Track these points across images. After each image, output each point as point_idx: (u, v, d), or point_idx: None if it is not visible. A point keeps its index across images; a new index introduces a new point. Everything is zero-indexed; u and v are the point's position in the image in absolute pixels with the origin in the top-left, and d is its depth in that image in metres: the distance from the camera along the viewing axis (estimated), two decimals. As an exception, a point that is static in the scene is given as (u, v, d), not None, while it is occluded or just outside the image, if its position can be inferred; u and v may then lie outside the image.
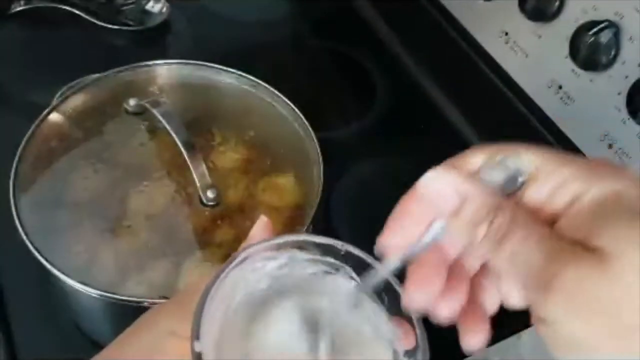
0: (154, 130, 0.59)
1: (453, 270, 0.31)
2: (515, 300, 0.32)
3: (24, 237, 0.50)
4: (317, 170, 0.57)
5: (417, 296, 0.31)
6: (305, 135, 0.60)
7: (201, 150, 0.55)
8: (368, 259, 0.34)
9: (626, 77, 0.56)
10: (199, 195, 0.54)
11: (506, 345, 0.56)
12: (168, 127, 0.55)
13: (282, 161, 0.59)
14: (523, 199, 0.29)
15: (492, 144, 0.30)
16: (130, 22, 0.82)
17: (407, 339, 0.33)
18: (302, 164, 0.59)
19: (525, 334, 0.56)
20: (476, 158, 0.30)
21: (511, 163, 0.29)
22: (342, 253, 0.35)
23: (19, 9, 0.79)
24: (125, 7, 0.83)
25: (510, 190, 0.29)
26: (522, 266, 0.27)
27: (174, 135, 0.54)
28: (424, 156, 0.72)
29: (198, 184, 0.54)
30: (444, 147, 0.75)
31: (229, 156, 0.59)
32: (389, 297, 0.34)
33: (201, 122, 0.61)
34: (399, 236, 0.31)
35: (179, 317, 0.33)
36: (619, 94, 0.57)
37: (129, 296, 0.49)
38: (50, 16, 0.79)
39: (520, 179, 0.29)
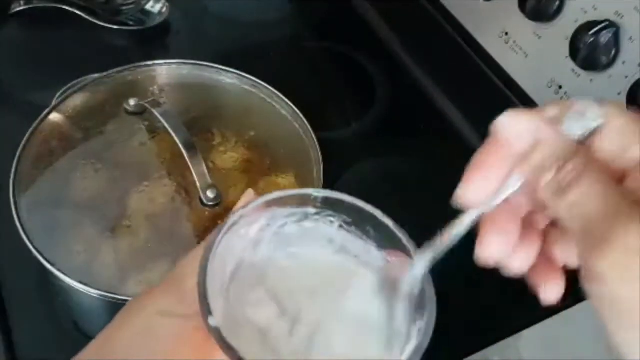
0: (154, 130, 0.59)
1: (524, 222, 0.31)
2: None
3: (24, 237, 0.50)
4: (317, 170, 0.57)
5: (494, 247, 0.30)
6: (305, 135, 0.60)
7: (201, 150, 0.55)
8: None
9: (626, 77, 0.56)
10: (199, 195, 0.54)
11: (506, 345, 0.56)
12: (168, 127, 0.55)
13: (282, 161, 0.59)
14: (594, 152, 0.28)
15: (565, 101, 0.30)
16: (130, 22, 0.82)
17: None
18: (302, 164, 0.59)
19: (525, 334, 0.56)
20: (552, 111, 0.29)
21: (589, 114, 0.28)
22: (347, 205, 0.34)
23: (18, 9, 0.79)
24: (125, 7, 0.83)
25: (583, 141, 0.28)
26: (582, 217, 0.26)
27: (174, 135, 0.54)
28: (424, 156, 0.73)
29: (198, 184, 0.54)
30: (444, 147, 0.76)
31: (229, 156, 0.59)
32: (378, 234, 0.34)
33: (201, 122, 0.61)
34: (478, 189, 0.30)
35: (169, 298, 0.32)
36: (619, 94, 0.57)
37: (129, 296, 0.48)
38: (50, 16, 0.79)
39: (593, 131, 0.28)
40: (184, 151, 0.54)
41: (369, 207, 0.34)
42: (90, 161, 0.57)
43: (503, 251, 0.30)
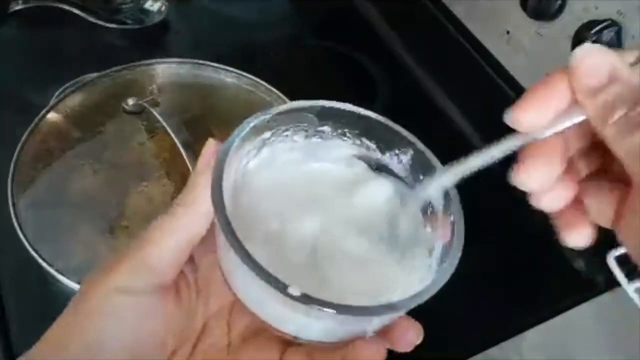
0: (153, 129, 0.59)
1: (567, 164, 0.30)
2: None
3: (22, 237, 0.50)
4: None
5: (534, 173, 0.29)
6: (305, 135, 0.60)
7: (200, 150, 0.54)
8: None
9: (628, 76, 0.56)
10: (199, 195, 0.54)
11: (508, 346, 0.55)
12: (167, 126, 0.55)
13: (282, 161, 0.59)
14: None
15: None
16: (129, 21, 0.81)
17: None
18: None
19: (527, 335, 0.56)
20: (631, 56, 0.28)
21: None
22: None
23: (17, 8, 0.78)
24: (124, 6, 0.82)
25: None
26: None
27: (172, 134, 0.54)
28: (425, 156, 0.73)
29: (197, 184, 0.53)
30: (444, 147, 0.75)
31: (229, 156, 0.59)
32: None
33: (200, 121, 0.61)
34: (537, 114, 0.28)
35: (125, 273, 0.31)
36: (620, 93, 0.57)
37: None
38: (48, 15, 0.79)
39: None
40: (182, 151, 0.54)
41: (395, 127, 0.34)
42: (89, 161, 0.57)
43: (542, 180, 0.29)
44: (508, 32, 0.68)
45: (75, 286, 0.49)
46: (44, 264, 0.49)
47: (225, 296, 0.34)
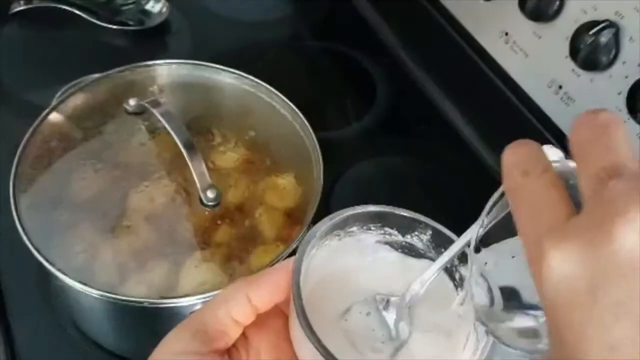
0: (154, 130, 0.59)
1: None
2: None
3: (24, 237, 0.50)
4: (317, 170, 0.57)
5: None
6: (305, 135, 0.60)
7: (201, 150, 0.55)
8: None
9: (626, 77, 0.56)
10: (199, 195, 0.54)
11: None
12: (168, 127, 0.55)
13: (282, 161, 0.59)
14: None
15: None
16: (130, 22, 0.82)
17: None
18: (302, 164, 0.59)
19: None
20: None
21: None
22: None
23: (18, 9, 0.79)
24: (125, 7, 0.83)
25: None
26: None
27: (174, 135, 0.54)
28: (424, 156, 0.73)
29: (198, 184, 0.54)
30: (444, 147, 0.76)
31: (229, 156, 0.59)
32: None
33: (201, 122, 0.61)
34: None
35: (183, 339, 0.34)
36: (619, 94, 0.57)
37: (128, 296, 0.49)
38: (50, 16, 0.79)
39: None
40: (183, 151, 0.54)
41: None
42: (90, 161, 0.57)
43: None
44: (506, 33, 0.68)
45: (75, 285, 0.49)
46: (46, 263, 0.49)
47: None
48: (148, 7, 0.83)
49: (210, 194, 0.54)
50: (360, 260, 0.38)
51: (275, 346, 0.36)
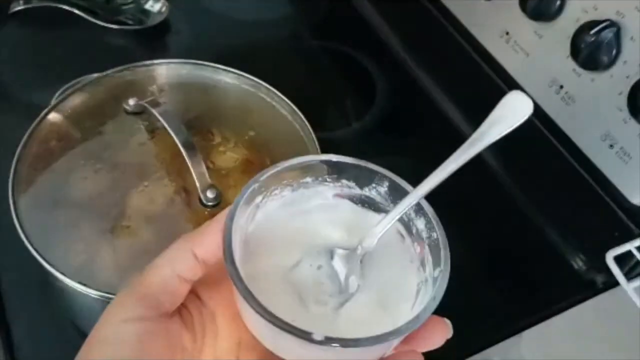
0: (154, 130, 0.59)
1: None
2: None
3: (23, 237, 0.50)
4: (317, 170, 0.57)
5: None
6: (305, 135, 0.60)
7: (201, 150, 0.55)
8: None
9: (627, 76, 0.56)
10: (199, 195, 0.54)
11: (507, 345, 0.56)
12: (167, 127, 0.55)
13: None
14: None
15: None
16: (130, 22, 0.81)
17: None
18: (302, 164, 0.58)
19: (526, 334, 0.56)
20: None
21: None
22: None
23: (18, 8, 0.79)
24: (124, 7, 0.82)
25: None
26: None
27: (173, 135, 0.54)
28: (424, 156, 0.73)
29: (198, 184, 0.53)
30: (444, 147, 0.75)
31: (229, 156, 0.59)
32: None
33: (201, 121, 0.61)
34: None
35: (130, 302, 0.33)
36: (620, 93, 0.57)
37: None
38: (49, 16, 0.79)
39: None
40: (183, 151, 0.54)
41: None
42: (90, 161, 0.57)
43: None
44: (507, 33, 0.68)
45: (75, 286, 0.49)
46: (45, 264, 0.49)
47: (234, 332, 0.35)
48: (147, 6, 0.83)
49: (210, 194, 0.54)
50: (317, 213, 0.37)
51: (231, 303, 0.35)
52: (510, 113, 0.36)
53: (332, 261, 0.35)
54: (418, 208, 0.35)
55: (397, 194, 0.36)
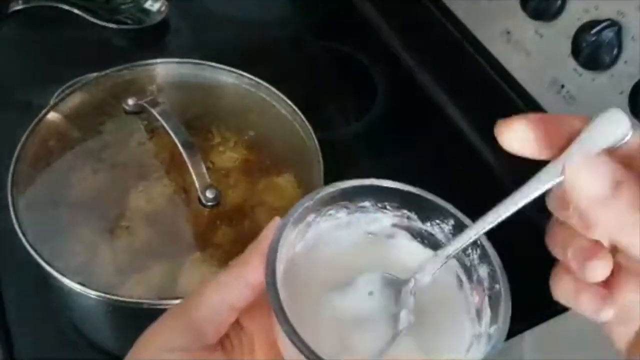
0: (153, 129, 0.59)
1: None
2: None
3: (22, 238, 0.50)
4: (317, 170, 0.57)
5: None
6: (305, 135, 0.60)
7: (200, 150, 0.54)
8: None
9: (628, 76, 0.56)
10: (199, 196, 0.54)
11: (507, 346, 0.55)
12: (167, 126, 0.55)
13: (282, 161, 0.59)
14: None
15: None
16: (129, 21, 0.81)
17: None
18: (302, 164, 0.58)
19: (527, 335, 0.56)
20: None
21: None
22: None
23: (17, 8, 0.78)
24: (124, 6, 0.82)
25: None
26: None
27: (172, 134, 0.54)
28: (424, 156, 0.73)
29: (197, 184, 0.53)
30: (444, 146, 0.75)
31: (229, 156, 0.59)
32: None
33: (200, 121, 0.61)
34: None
35: (172, 331, 0.32)
36: (621, 93, 0.57)
37: (127, 297, 0.48)
38: (48, 15, 0.79)
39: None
40: (182, 151, 0.53)
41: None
42: (89, 161, 0.57)
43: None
44: (508, 32, 0.68)
45: (74, 286, 0.48)
46: (44, 264, 0.49)
47: (272, 356, 0.34)
48: (147, 5, 0.83)
49: (210, 194, 0.53)
50: (371, 240, 0.35)
51: (269, 328, 0.33)
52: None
53: (384, 289, 0.33)
54: (483, 254, 0.33)
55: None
